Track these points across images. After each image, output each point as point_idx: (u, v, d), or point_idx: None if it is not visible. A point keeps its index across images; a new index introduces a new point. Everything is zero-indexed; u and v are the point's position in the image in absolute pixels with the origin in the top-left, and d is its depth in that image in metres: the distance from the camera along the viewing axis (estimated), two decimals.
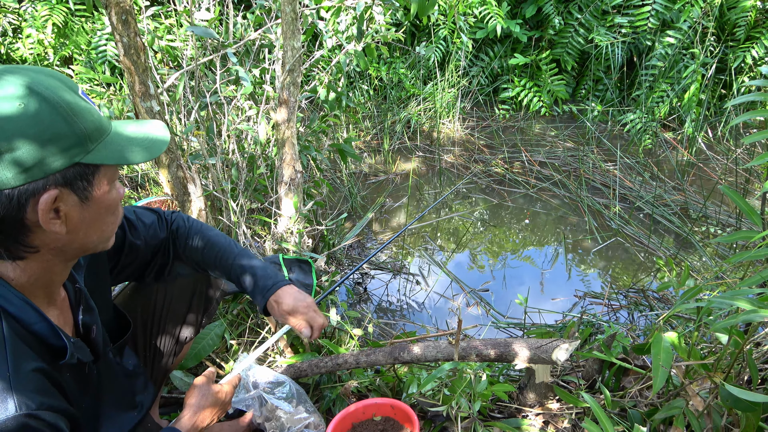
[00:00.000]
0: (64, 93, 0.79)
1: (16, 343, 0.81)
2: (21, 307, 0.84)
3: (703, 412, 1.26)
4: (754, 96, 1.18)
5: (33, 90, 0.76)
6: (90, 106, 0.84)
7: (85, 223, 0.85)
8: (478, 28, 4.52)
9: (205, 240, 1.34)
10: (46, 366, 0.84)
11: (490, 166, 3.92)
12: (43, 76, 0.79)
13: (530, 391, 1.62)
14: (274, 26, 2.39)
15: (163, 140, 0.92)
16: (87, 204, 0.84)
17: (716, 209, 3.28)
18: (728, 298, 1.05)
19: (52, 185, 0.78)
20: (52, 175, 0.78)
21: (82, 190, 0.82)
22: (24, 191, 0.76)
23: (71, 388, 0.91)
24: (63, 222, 0.82)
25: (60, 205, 0.80)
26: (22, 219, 0.78)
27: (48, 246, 0.84)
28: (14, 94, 0.75)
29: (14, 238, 0.80)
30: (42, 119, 0.76)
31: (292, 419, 1.52)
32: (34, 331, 0.85)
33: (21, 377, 0.78)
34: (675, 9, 4.15)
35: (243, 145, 2.51)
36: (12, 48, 4.16)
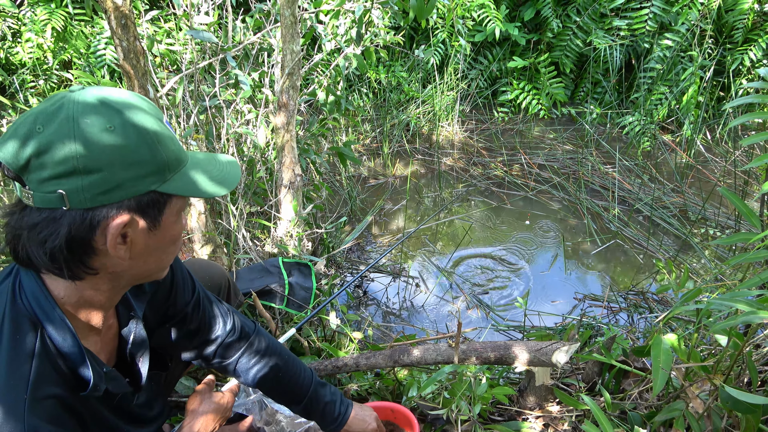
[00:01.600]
0: (151, 120, 0.80)
1: (43, 365, 0.80)
2: (60, 328, 0.83)
3: (703, 414, 1.26)
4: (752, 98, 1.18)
5: (123, 114, 0.77)
6: (172, 134, 0.84)
7: (148, 251, 0.85)
8: (476, 31, 4.52)
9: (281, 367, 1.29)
10: (67, 393, 0.83)
11: (490, 168, 3.93)
12: (135, 100, 0.80)
13: (530, 394, 1.62)
14: (274, 30, 2.40)
15: (234, 176, 0.92)
16: (154, 232, 0.84)
17: (715, 211, 3.28)
18: (728, 300, 1.05)
19: (125, 210, 0.78)
20: (127, 200, 0.78)
21: (153, 218, 0.82)
22: (98, 213, 0.77)
23: (98, 415, 0.90)
24: (128, 248, 0.82)
25: (128, 231, 0.80)
26: (91, 240, 0.78)
27: (107, 269, 0.84)
28: (105, 117, 0.75)
29: (79, 259, 0.80)
30: (128, 144, 0.76)
31: (291, 423, 1.51)
32: (65, 354, 0.84)
33: (37, 402, 0.77)
34: (673, 12, 4.16)
35: (242, 148, 2.51)
36: (11, 52, 4.17)
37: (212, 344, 1.23)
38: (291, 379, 1.29)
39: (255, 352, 1.26)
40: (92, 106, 0.75)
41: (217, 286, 1.50)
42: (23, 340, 0.80)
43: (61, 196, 0.74)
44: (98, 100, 0.76)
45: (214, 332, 1.22)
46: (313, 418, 1.32)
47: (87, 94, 0.76)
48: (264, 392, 1.31)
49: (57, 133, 0.73)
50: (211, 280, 1.52)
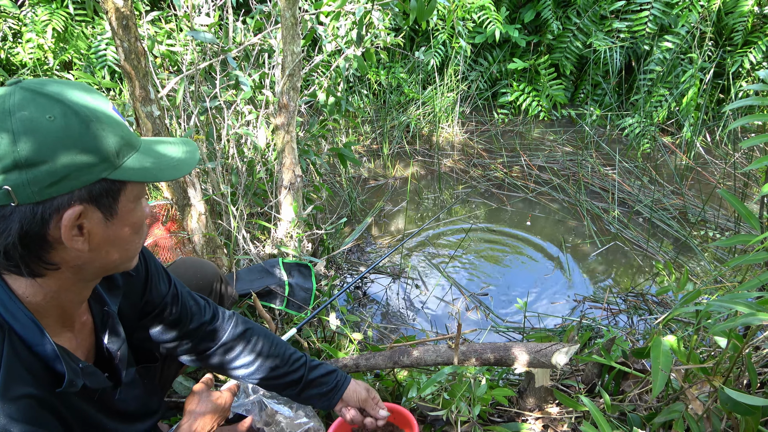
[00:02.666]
0: (93, 107, 0.78)
1: (12, 364, 0.79)
2: (27, 326, 0.81)
3: (703, 415, 1.26)
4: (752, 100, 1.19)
5: (63, 103, 0.75)
6: (120, 121, 0.83)
7: (108, 241, 0.83)
8: (476, 33, 4.53)
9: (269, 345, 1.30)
10: (40, 392, 0.82)
11: (489, 170, 3.93)
12: (75, 89, 0.78)
13: (530, 395, 1.62)
14: (274, 31, 2.40)
15: (191, 159, 0.90)
16: (111, 221, 0.82)
17: (715, 213, 3.28)
18: (727, 302, 1.05)
19: (77, 201, 0.77)
20: (78, 190, 0.76)
21: (107, 207, 0.81)
22: (48, 206, 0.75)
23: (77, 411, 0.89)
24: (86, 239, 0.80)
25: (84, 222, 0.79)
26: (45, 235, 0.77)
27: (68, 263, 0.82)
28: (44, 108, 0.74)
29: (35, 254, 0.78)
30: (71, 134, 0.75)
31: (291, 424, 1.51)
32: (36, 352, 0.82)
33: (8, 403, 0.76)
34: (673, 14, 4.17)
35: (243, 149, 2.51)
36: (12, 53, 4.17)
37: (195, 333, 1.24)
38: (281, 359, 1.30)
39: (239, 336, 1.28)
40: (30, 97, 0.74)
41: (209, 285, 1.49)
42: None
43: (7, 192, 0.72)
44: (36, 92, 0.74)
45: (195, 321, 1.23)
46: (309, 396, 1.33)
47: (24, 86, 0.74)
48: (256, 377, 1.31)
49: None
50: (204, 278, 1.50)
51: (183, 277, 1.40)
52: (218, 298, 1.53)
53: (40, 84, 0.76)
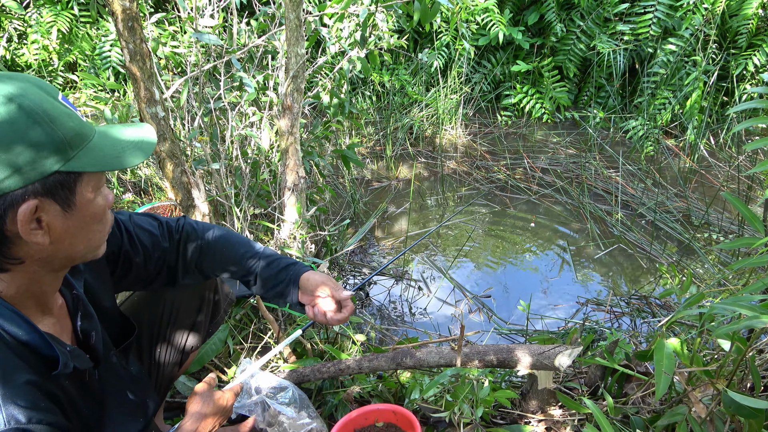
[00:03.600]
0: (40, 99, 0.77)
1: (6, 355, 0.79)
2: (10, 318, 0.82)
3: (706, 418, 1.26)
4: (756, 103, 1.19)
5: (6, 97, 0.74)
6: (70, 111, 0.81)
7: (70, 232, 0.83)
8: (480, 35, 4.53)
9: (218, 240, 1.30)
10: (39, 378, 0.82)
11: (493, 172, 3.93)
12: (18, 82, 0.77)
13: (533, 398, 1.62)
14: (278, 33, 2.41)
15: (147, 144, 0.89)
16: (70, 213, 0.82)
17: (718, 216, 3.28)
18: (731, 305, 1.05)
19: (31, 195, 0.76)
20: (31, 185, 0.75)
21: (64, 199, 0.80)
22: (2, 202, 0.74)
23: (71, 397, 0.90)
24: (46, 232, 0.80)
25: (41, 216, 0.78)
26: (2, 231, 0.76)
27: (32, 257, 0.82)
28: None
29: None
30: (17, 127, 0.74)
31: (294, 425, 1.52)
32: (24, 342, 0.83)
33: (9, 390, 0.77)
34: (677, 16, 4.16)
35: (246, 150, 2.52)
36: (17, 54, 4.19)
37: (168, 254, 1.26)
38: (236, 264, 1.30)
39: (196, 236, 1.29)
40: None
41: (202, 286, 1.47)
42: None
43: None
44: None
45: (159, 247, 1.24)
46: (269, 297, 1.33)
47: None
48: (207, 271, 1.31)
49: None
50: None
51: None
52: (213, 298, 1.52)
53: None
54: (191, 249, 1.29)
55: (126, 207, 3.03)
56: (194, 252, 1.29)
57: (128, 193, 3.22)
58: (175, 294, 1.42)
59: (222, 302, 1.55)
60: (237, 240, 1.32)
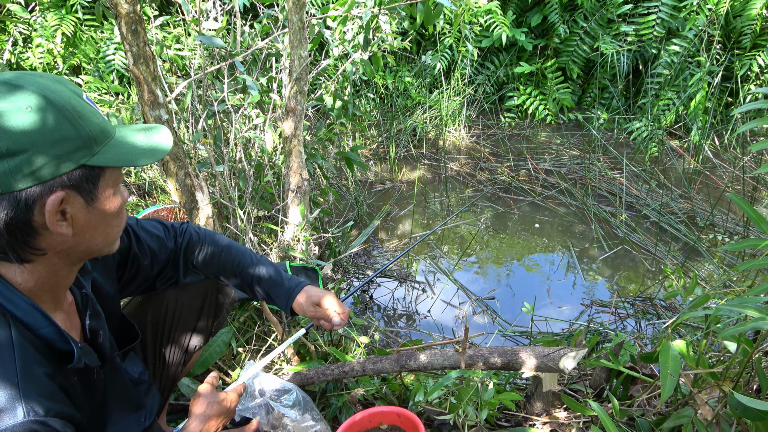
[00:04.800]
0: (69, 96, 0.81)
1: (24, 347, 0.81)
2: (28, 311, 0.85)
3: (712, 421, 1.25)
4: (761, 104, 1.18)
5: (39, 94, 0.77)
6: (94, 109, 0.85)
7: (91, 225, 0.86)
8: (483, 37, 4.53)
9: (220, 249, 1.36)
10: (53, 371, 0.84)
11: (496, 174, 3.92)
12: (49, 81, 0.81)
13: (537, 400, 1.62)
14: (281, 35, 2.41)
15: (165, 145, 0.93)
16: (92, 206, 0.85)
17: (723, 217, 3.26)
18: (737, 306, 1.04)
19: (59, 187, 0.79)
20: (59, 177, 0.79)
21: (88, 192, 0.83)
22: (32, 194, 0.77)
23: (78, 393, 0.91)
24: (69, 224, 0.83)
25: (66, 207, 0.82)
26: (30, 221, 0.79)
27: (54, 248, 0.85)
28: (21, 99, 0.76)
29: (22, 241, 0.81)
30: (48, 123, 0.77)
31: (298, 427, 1.52)
32: (41, 335, 0.85)
33: (29, 383, 0.78)
34: (680, 17, 4.15)
35: (250, 153, 2.52)
36: (22, 57, 4.21)
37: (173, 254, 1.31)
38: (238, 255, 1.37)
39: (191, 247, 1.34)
40: (5, 90, 0.76)
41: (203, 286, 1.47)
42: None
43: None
44: (10, 84, 0.77)
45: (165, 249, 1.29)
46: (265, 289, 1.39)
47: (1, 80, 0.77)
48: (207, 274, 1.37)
49: None
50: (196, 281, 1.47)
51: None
52: (215, 297, 1.52)
53: (14, 77, 0.78)
54: (194, 252, 1.34)
55: (130, 209, 3.04)
56: (197, 255, 1.34)
57: (132, 195, 3.23)
58: (178, 294, 1.42)
59: (225, 302, 1.55)
60: (238, 249, 1.39)
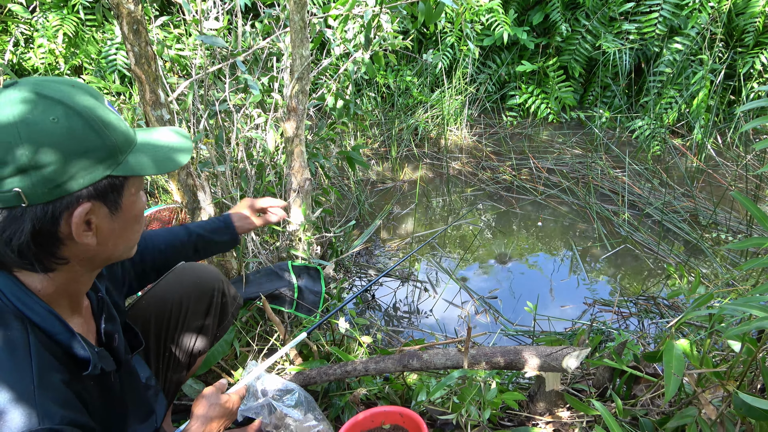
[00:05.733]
0: (94, 106, 0.80)
1: (41, 354, 0.81)
2: (46, 317, 0.84)
3: (716, 420, 1.24)
4: (764, 102, 1.17)
5: (64, 104, 0.77)
6: (117, 117, 0.85)
7: (115, 233, 0.87)
8: (485, 36, 4.53)
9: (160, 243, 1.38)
10: (70, 377, 0.84)
11: (498, 173, 3.92)
12: (73, 89, 0.80)
13: (540, 399, 1.61)
14: (283, 35, 2.41)
15: (186, 147, 0.93)
16: (116, 215, 0.85)
17: (726, 216, 3.25)
18: (741, 305, 1.04)
19: (85, 198, 0.80)
20: (85, 189, 0.79)
21: (113, 201, 0.84)
22: (58, 205, 0.78)
23: (94, 398, 0.91)
24: (94, 234, 0.83)
25: (91, 218, 0.82)
26: (56, 232, 0.80)
27: (78, 257, 0.85)
28: (47, 110, 0.75)
29: (47, 251, 0.81)
30: (75, 134, 0.77)
31: (301, 427, 1.51)
32: (58, 341, 0.85)
33: (45, 390, 0.78)
34: (683, 15, 4.14)
35: (252, 152, 2.52)
36: (24, 57, 4.21)
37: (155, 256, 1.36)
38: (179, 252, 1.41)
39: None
40: (32, 100, 0.75)
41: (210, 290, 1.45)
42: (15, 336, 0.80)
43: (17, 194, 0.75)
44: (35, 94, 0.76)
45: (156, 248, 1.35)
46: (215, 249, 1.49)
47: (23, 89, 0.76)
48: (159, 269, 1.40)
49: (1, 133, 0.73)
50: (205, 284, 1.45)
51: (184, 283, 1.42)
52: (221, 302, 1.51)
53: (39, 86, 0.77)
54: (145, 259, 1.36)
55: None
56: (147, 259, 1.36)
57: None
58: (183, 298, 1.41)
59: (230, 305, 1.54)
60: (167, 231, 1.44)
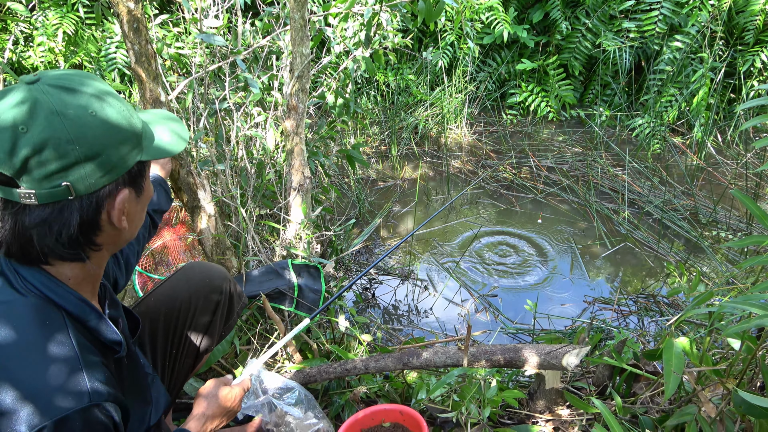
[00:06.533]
0: (117, 96, 0.84)
1: (79, 338, 0.84)
2: (78, 305, 0.87)
3: (716, 418, 1.25)
4: (764, 100, 1.17)
5: (98, 98, 0.80)
6: (131, 105, 0.88)
7: (138, 216, 0.91)
8: (485, 34, 4.52)
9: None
10: (105, 359, 0.87)
11: (498, 171, 3.92)
12: (94, 81, 0.83)
13: (540, 398, 1.62)
14: (283, 33, 2.40)
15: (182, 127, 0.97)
16: (140, 198, 0.90)
17: (726, 214, 3.25)
18: (740, 304, 1.04)
19: (123, 185, 0.84)
20: (121, 177, 0.83)
21: (139, 186, 0.88)
22: (102, 194, 0.82)
23: (118, 381, 0.93)
24: (126, 218, 0.87)
25: (126, 203, 0.86)
26: (99, 221, 0.83)
27: (108, 243, 0.88)
28: (84, 105, 0.78)
29: (89, 240, 0.84)
30: (112, 124, 0.81)
31: (301, 425, 1.52)
32: (90, 327, 0.88)
33: (91, 369, 0.81)
34: (683, 13, 4.14)
35: (252, 151, 2.52)
36: (24, 56, 4.21)
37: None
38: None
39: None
40: (67, 95, 0.78)
41: (218, 288, 1.47)
42: (54, 322, 0.83)
43: (67, 187, 0.78)
44: (67, 89, 0.78)
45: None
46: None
47: (52, 84, 0.78)
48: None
49: (48, 129, 0.75)
50: (213, 282, 1.47)
51: (192, 281, 1.43)
52: (228, 300, 1.52)
53: (64, 80, 0.80)
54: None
55: None
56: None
57: None
58: (192, 295, 1.41)
59: (236, 304, 1.55)
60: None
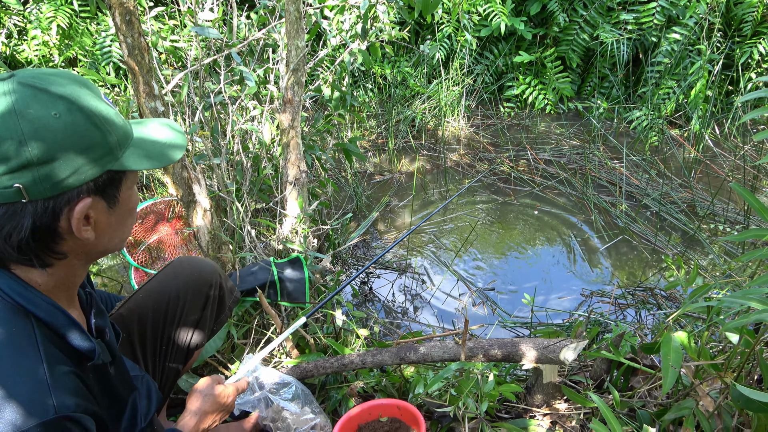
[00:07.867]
0: (94, 101, 0.80)
1: (48, 347, 0.81)
2: (49, 311, 0.84)
3: (714, 412, 1.24)
4: (762, 92, 1.16)
5: (66, 99, 0.76)
6: (115, 111, 0.85)
7: (111, 227, 0.87)
8: (482, 26, 4.50)
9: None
10: (76, 368, 0.85)
11: (496, 164, 3.91)
12: (73, 83, 0.79)
13: (538, 392, 1.61)
14: (278, 26, 2.38)
15: (180, 143, 0.93)
16: (114, 209, 0.86)
17: (724, 207, 3.25)
18: (739, 297, 1.03)
19: (85, 193, 0.80)
20: (85, 184, 0.79)
21: (111, 196, 0.84)
22: (59, 201, 0.78)
23: (96, 390, 0.91)
24: (92, 228, 0.83)
25: (90, 213, 0.82)
26: (56, 228, 0.80)
27: (75, 252, 0.85)
28: (49, 105, 0.75)
29: (46, 246, 0.81)
30: (77, 130, 0.77)
31: (298, 420, 1.51)
32: (62, 334, 0.85)
33: (57, 380, 0.78)
34: (681, 5, 4.12)
35: (248, 145, 2.50)
36: (18, 50, 4.17)
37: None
38: None
39: None
40: (32, 95, 0.75)
41: (207, 283, 1.45)
42: (21, 330, 0.80)
43: (18, 189, 0.74)
44: (36, 88, 0.75)
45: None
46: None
47: (22, 82, 0.75)
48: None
49: (3, 129, 0.73)
50: (200, 279, 1.45)
51: (181, 276, 1.41)
52: (219, 296, 1.50)
53: (37, 79, 0.76)
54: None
55: None
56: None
57: None
58: (180, 291, 1.40)
59: (227, 299, 1.53)
60: None
